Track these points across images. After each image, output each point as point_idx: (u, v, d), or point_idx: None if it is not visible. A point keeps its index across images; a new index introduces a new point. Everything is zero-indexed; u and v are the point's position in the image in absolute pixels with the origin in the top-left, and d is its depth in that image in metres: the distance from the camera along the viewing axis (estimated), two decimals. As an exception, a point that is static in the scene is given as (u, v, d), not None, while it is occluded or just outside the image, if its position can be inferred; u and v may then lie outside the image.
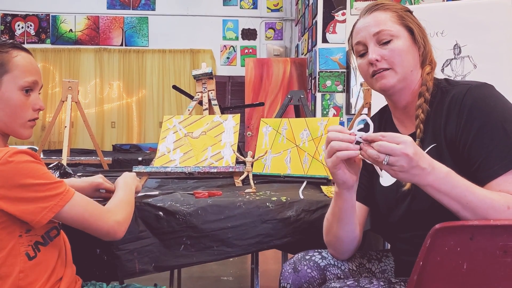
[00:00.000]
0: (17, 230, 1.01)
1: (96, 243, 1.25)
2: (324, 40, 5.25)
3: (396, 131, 1.19)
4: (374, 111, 2.08)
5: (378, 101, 2.11)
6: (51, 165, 1.76)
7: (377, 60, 1.10)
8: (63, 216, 1.03)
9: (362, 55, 1.15)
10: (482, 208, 0.91)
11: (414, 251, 0.89)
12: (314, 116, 5.17)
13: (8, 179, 0.96)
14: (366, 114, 3.50)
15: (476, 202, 0.91)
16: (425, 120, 1.09)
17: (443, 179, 0.91)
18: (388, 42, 1.10)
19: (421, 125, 1.08)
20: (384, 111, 1.26)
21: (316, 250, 1.22)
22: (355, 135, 0.94)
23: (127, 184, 1.27)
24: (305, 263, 1.17)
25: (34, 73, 1.11)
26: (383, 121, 1.25)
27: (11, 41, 1.11)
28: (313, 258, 1.19)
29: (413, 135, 1.11)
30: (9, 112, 1.08)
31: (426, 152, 1.06)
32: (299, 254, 1.21)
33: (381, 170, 0.94)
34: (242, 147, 6.05)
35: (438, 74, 1.17)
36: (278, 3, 7.80)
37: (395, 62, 1.09)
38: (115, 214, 1.12)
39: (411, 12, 1.16)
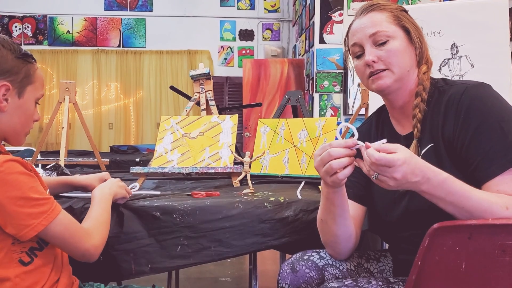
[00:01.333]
0: (9, 237, 1.00)
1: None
2: (322, 40, 5.26)
3: (394, 131, 1.19)
4: (371, 111, 2.08)
5: (376, 102, 2.11)
6: (48, 166, 1.76)
7: (374, 62, 1.10)
8: (45, 233, 1.01)
9: (358, 56, 1.15)
10: (479, 212, 0.91)
11: (413, 250, 0.89)
12: (312, 116, 5.17)
13: None
14: (363, 114, 3.50)
15: (472, 207, 0.91)
16: (423, 120, 1.09)
17: (438, 187, 0.91)
18: (384, 43, 1.10)
19: (418, 124, 1.08)
20: (381, 111, 1.26)
21: (314, 250, 1.22)
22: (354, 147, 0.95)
23: (103, 196, 1.23)
24: (303, 263, 1.17)
25: (44, 87, 1.18)
26: (380, 121, 1.24)
27: (30, 53, 1.14)
28: (311, 258, 1.18)
29: (410, 135, 1.11)
30: (23, 120, 1.11)
31: (424, 152, 1.06)
32: (297, 254, 1.21)
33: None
34: (240, 148, 6.05)
35: (436, 74, 1.17)
36: (275, 4, 7.81)
37: (392, 63, 1.09)
38: (93, 238, 1.10)
39: (406, 12, 1.16)
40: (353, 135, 0.98)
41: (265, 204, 1.36)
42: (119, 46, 7.68)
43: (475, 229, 0.84)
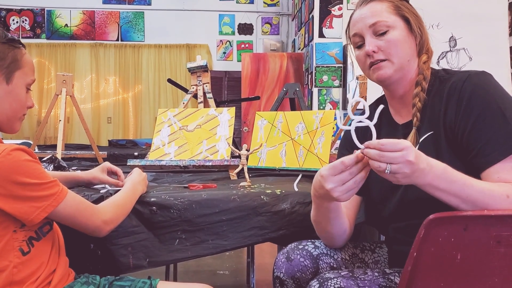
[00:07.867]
0: (11, 225, 1.01)
1: (90, 238, 1.24)
2: (321, 35, 5.24)
3: (392, 119, 1.19)
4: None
5: (374, 95, 2.10)
6: (45, 158, 1.75)
7: (374, 52, 1.10)
8: (55, 215, 1.04)
9: (359, 46, 1.15)
10: (482, 199, 0.91)
11: (409, 241, 0.89)
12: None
13: (4, 176, 0.97)
14: (361, 108, 3.48)
15: (475, 195, 0.91)
16: (422, 108, 1.09)
17: (441, 176, 0.91)
18: (384, 33, 1.10)
19: (418, 113, 1.08)
20: (380, 101, 1.26)
21: (309, 240, 1.22)
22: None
23: (133, 187, 1.29)
24: (298, 252, 1.17)
25: (34, 72, 1.18)
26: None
27: (17, 38, 1.15)
28: (306, 247, 1.19)
29: (409, 124, 1.11)
30: (15, 106, 1.12)
31: (422, 140, 1.06)
32: (293, 244, 1.21)
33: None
34: (238, 143, 6.04)
35: (434, 67, 1.17)
36: (274, -2, 7.78)
37: (391, 53, 1.09)
38: (104, 214, 1.13)
39: (407, 1, 1.15)
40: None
41: (262, 196, 1.36)
42: (117, 40, 7.65)
43: (470, 220, 0.84)
